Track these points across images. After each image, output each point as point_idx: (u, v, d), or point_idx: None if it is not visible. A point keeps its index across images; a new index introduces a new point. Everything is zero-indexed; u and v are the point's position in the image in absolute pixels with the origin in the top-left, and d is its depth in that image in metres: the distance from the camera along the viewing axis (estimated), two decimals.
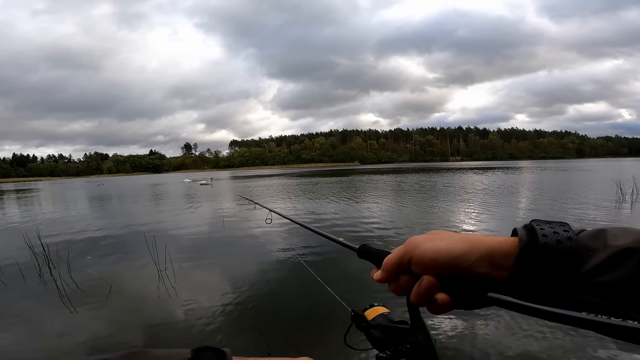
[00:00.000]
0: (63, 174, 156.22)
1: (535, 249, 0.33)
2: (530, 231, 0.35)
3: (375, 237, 5.68)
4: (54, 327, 2.97)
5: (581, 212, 7.31)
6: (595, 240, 0.33)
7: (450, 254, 0.37)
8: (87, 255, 5.29)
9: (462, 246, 0.37)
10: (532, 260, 0.33)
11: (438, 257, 0.37)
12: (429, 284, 0.37)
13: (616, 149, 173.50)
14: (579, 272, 0.32)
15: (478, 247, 0.36)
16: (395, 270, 0.41)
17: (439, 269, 0.37)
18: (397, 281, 0.41)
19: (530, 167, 41.16)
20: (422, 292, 0.38)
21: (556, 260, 0.32)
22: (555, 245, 0.33)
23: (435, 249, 0.38)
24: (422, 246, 0.39)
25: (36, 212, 12.46)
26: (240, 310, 3.15)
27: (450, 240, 0.38)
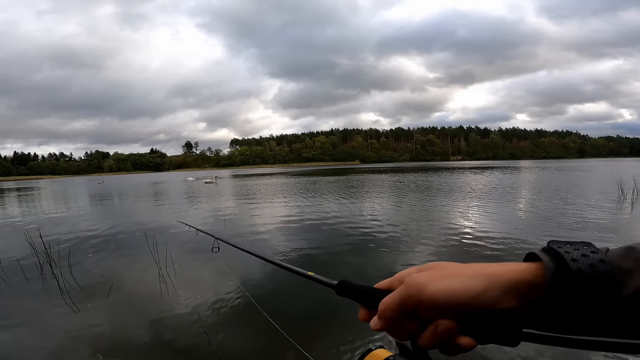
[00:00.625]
0: (64, 172, 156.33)
1: (568, 276, 0.30)
2: (555, 256, 0.31)
3: (376, 238, 5.69)
4: (56, 325, 2.99)
5: (582, 213, 7.31)
6: (627, 260, 0.31)
7: (469, 293, 0.32)
8: (89, 254, 5.32)
9: (480, 282, 0.32)
10: (567, 288, 0.30)
11: (455, 300, 0.32)
12: (447, 329, 0.32)
13: (618, 149, 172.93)
14: (620, 297, 0.29)
15: (499, 280, 0.32)
16: (398, 317, 0.35)
17: (456, 311, 0.32)
18: (401, 327, 0.35)
19: (531, 166, 41.10)
20: (438, 337, 0.33)
21: (593, 287, 0.29)
22: (589, 270, 0.30)
23: (449, 290, 0.32)
24: (430, 288, 0.33)
25: (37, 210, 12.49)
26: (242, 308, 3.17)
27: (464, 277, 0.33)
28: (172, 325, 2.91)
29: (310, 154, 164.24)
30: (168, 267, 4.32)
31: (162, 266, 4.32)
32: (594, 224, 6.14)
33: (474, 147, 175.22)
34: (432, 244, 5.07)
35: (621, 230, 5.70)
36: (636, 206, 7.97)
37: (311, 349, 2.36)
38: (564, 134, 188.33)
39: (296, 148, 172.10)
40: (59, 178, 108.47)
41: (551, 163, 60.56)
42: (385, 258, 4.50)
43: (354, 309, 0.42)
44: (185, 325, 2.89)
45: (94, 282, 3.98)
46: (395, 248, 4.97)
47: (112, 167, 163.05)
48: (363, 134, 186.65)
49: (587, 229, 5.72)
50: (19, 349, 2.64)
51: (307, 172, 48.19)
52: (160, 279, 3.96)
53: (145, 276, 4.18)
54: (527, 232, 5.59)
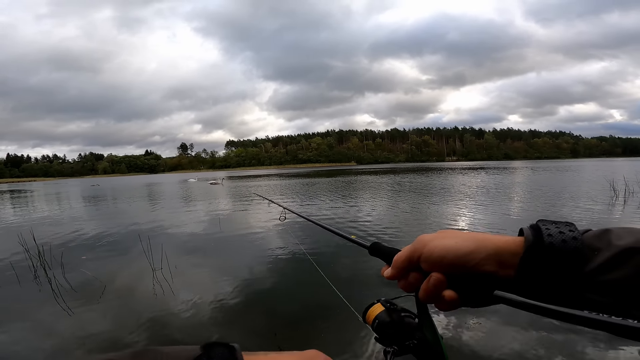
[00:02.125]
0: (57, 174, 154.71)
1: (541, 248, 0.34)
2: (536, 231, 0.36)
3: (374, 235, 5.70)
4: (49, 327, 2.96)
5: (575, 212, 7.39)
6: (600, 240, 0.34)
7: (458, 251, 0.38)
8: (82, 255, 5.27)
9: (469, 244, 0.38)
10: (538, 259, 0.34)
11: (446, 255, 0.38)
12: (437, 281, 0.38)
13: (610, 149, 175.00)
14: (584, 271, 0.32)
15: (485, 245, 0.37)
16: (405, 267, 0.42)
17: (447, 266, 0.38)
18: (407, 278, 0.42)
19: (525, 167, 41.45)
20: (430, 288, 0.39)
21: (561, 259, 0.33)
22: (561, 244, 0.34)
23: (443, 247, 0.39)
24: (430, 244, 0.40)
25: (30, 212, 12.35)
26: (243, 307, 3.16)
27: (458, 239, 0.39)
28: (165, 325, 2.90)
29: (306, 156, 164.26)
30: (163, 268, 4.30)
31: (157, 268, 4.30)
32: (588, 224, 6.21)
33: (469, 147, 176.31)
34: None
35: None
36: (627, 205, 8.07)
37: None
38: (557, 135, 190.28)
39: (292, 149, 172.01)
40: (52, 180, 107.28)
41: (545, 163, 61.17)
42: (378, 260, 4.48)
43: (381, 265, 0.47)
44: (179, 325, 2.88)
45: (87, 284, 3.94)
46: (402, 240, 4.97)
47: (106, 169, 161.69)
48: (359, 135, 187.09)
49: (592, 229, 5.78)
50: (12, 350, 2.61)
51: (303, 173, 48.18)
52: (155, 281, 3.94)
53: (139, 278, 4.15)
54: None
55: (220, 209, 10.66)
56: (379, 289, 3.29)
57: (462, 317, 2.72)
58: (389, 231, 6.10)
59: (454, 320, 2.68)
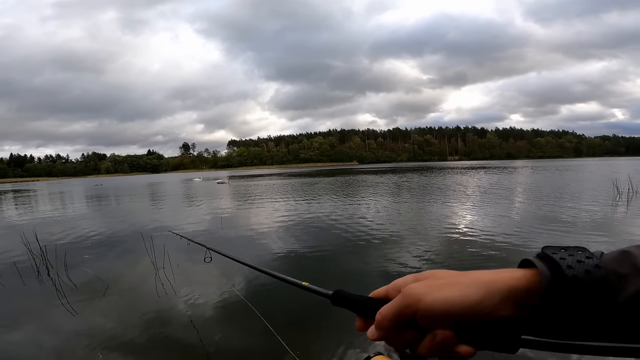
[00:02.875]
0: (60, 174, 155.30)
1: (564, 282, 0.30)
2: (550, 263, 0.32)
3: (372, 243, 5.70)
4: (52, 327, 2.98)
5: (579, 212, 7.35)
6: (623, 265, 0.31)
7: (466, 302, 0.32)
8: (85, 255, 5.29)
9: (478, 290, 0.32)
10: (563, 295, 0.30)
11: (452, 309, 0.32)
12: (445, 339, 0.32)
13: (614, 148, 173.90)
14: (617, 302, 0.29)
15: (497, 288, 0.32)
16: (395, 327, 0.35)
17: (454, 321, 0.32)
18: (399, 337, 0.35)
19: (528, 166, 41.28)
20: (437, 346, 0.33)
21: (589, 293, 0.29)
22: (584, 276, 0.30)
23: (446, 300, 0.32)
24: (427, 298, 0.33)
25: (34, 212, 12.42)
26: (239, 312, 3.16)
27: (461, 286, 0.33)
28: (168, 326, 2.90)
29: (308, 155, 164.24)
30: (165, 268, 4.31)
31: (160, 267, 4.31)
32: (591, 223, 6.18)
33: (471, 147, 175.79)
34: (430, 248, 5.03)
35: (618, 229, 5.74)
36: (631, 205, 8.02)
37: (307, 357, 2.35)
38: (560, 134, 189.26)
39: (294, 149, 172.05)
40: (55, 180, 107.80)
41: (548, 162, 60.88)
42: (381, 263, 4.44)
43: (351, 316, 0.40)
44: (182, 326, 2.89)
45: (90, 283, 3.95)
46: (391, 252, 4.93)
47: (109, 168, 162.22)
48: (360, 134, 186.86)
49: (584, 229, 5.75)
50: (16, 350, 2.62)
51: (305, 173, 48.18)
52: (157, 281, 3.95)
53: (141, 278, 4.16)
54: (524, 232, 5.61)
55: (222, 207, 10.69)
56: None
57: None
58: (386, 237, 6.09)
59: None
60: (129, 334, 2.77)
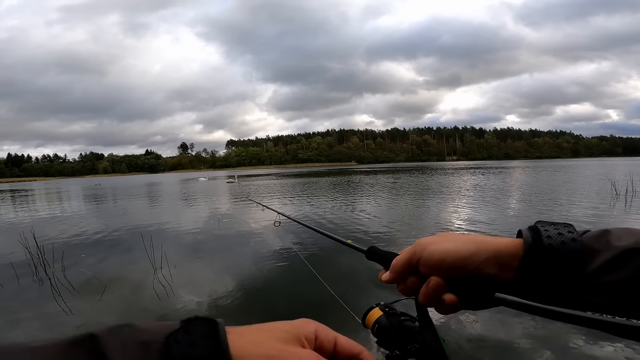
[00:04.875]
0: (58, 174, 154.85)
1: (540, 250, 0.34)
2: (534, 232, 0.36)
3: (372, 235, 5.69)
4: (49, 327, 2.95)
5: (577, 211, 7.37)
6: (599, 241, 0.34)
7: (458, 255, 0.37)
8: (82, 254, 5.27)
9: (469, 247, 0.38)
10: (537, 261, 0.34)
11: (446, 258, 0.38)
12: (436, 285, 0.38)
13: (611, 149, 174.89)
14: (584, 273, 0.32)
15: (485, 248, 0.37)
16: (404, 271, 0.41)
17: (446, 270, 0.38)
18: (405, 282, 0.42)
19: (525, 166, 41.40)
20: (429, 292, 0.38)
21: (560, 261, 0.33)
22: (560, 246, 0.34)
23: (443, 250, 0.38)
24: (430, 247, 0.39)
25: (32, 212, 12.35)
26: (241, 307, 3.16)
27: (457, 242, 0.39)
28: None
29: (306, 155, 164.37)
30: (163, 268, 4.29)
31: (158, 267, 4.30)
32: (589, 221, 6.20)
33: (469, 147, 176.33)
34: None
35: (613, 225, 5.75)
36: (630, 205, 8.04)
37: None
38: (557, 134, 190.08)
39: (292, 149, 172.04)
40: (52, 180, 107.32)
41: (545, 163, 61.07)
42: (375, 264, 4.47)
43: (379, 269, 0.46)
44: None
45: (87, 283, 3.93)
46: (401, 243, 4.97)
47: (107, 168, 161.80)
48: (359, 134, 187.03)
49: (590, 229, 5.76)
50: None
51: (303, 173, 48.16)
52: (156, 280, 3.93)
53: (139, 277, 4.14)
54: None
55: (221, 209, 10.67)
56: (377, 293, 3.24)
57: (463, 318, 2.71)
58: (387, 230, 6.09)
59: (455, 322, 2.67)
60: None
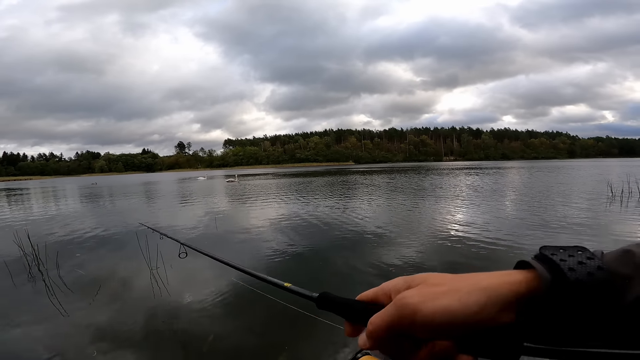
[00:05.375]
0: (54, 172, 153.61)
1: (566, 286, 0.28)
2: (549, 264, 0.29)
3: (364, 240, 5.70)
4: (42, 328, 2.93)
5: (574, 212, 7.41)
6: (625, 265, 0.29)
7: (468, 311, 0.29)
8: (77, 254, 5.24)
9: (479, 298, 0.29)
10: (566, 300, 0.27)
11: (453, 320, 0.29)
12: (444, 351, 0.30)
13: (607, 150, 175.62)
14: (621, 305, 0.27)
15: (497, 294, 0.29)
16: (388, 337, 0.31)
17: (455, 332, 0.29)
18: (393, 346, 0.32)
19: (522, 167, 41.61)
20: (435, 358, 0.30)
21: (593, 296, 0.27)
22: (587, 279, 0.27)
23: (445, 310, 0.29)
24: (424, 309, 0.29)
25: (26, 211, 12.27)
26: (239, 305, 3.14)
27: (460, 294, 0.29)
28: (162, 324, 2.88)
29: (304, 155, 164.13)
30: (159, 268, 4.27)
31: (153, 267, 4.28)
32: (586, 223, 6.23)
33: (466, 147, 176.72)
34: (421, 247, 5.02)
35: (612, 228, 5.78)
36: (626, 205, 8.10)
37: (299, 348, 2.40)
38: (554, 135, 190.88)
39: (289, 149, 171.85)
40: (48, 179, 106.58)
41: (541, 163, 61.38)
42: (371, 261, 4.42)
43: (338, 317, 0.37)
44: (175, 323, 2.86)
45: (82, 283, 3.92)
46: (381, 250, 4.95)
47: (103, 167, 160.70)
48: (356, 134, 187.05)
49: (579, 228, 5.79)
50: (7, 350, 2.59)
51: (302, 172, 48.14)
52: (151, 279, 3.91)
53: (134, 277, 4.12)
54: (517, 232, 5.63)
55: (218, 208, 10.64)
56: None
57: None
58: (378, 234, 6.09)
59: None
60: (122, 333, 2.74)
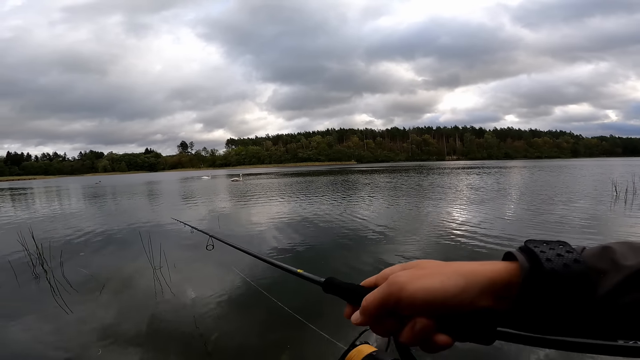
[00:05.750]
0: (57, 172, 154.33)
1: (542, 276, 0.30)
2: (530, 255, 0.32)
3: (366, 236, 5.69)
4: (47, 326, 2.94)
5: (575, 212, 7.36)
6: (602, 260, 0.31)
7: (447, 292, 0.32)
8: (81, 252, 5.26)
9: (458, 282, 0.32)
10: (540, 288, 0.30)
11: (433, 299, 0.32)
12: (424, 327, 0.33)
13: (611, 149, 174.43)
14: (594, 297, 0.29)
15: (476, 280, 0.32)
16: (379, 314, 0.35)
17: (434, 310, 0.32)
18: (382, 324, 0.35)
19: (525, 166, 41.40)
20: (416, 334, 0.33)
21: (566, 287, 0.29)
22: (563, 270, 0.30)
23: (427, 290, 0.32)
24: (409, 287, 0.33)
25: (30, 210, 12.34)
26: (243, 305, 3.14)
27: (442, 276, 0.33)
28: (167, 322, 2.88)
29: (306, 154, 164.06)
30: (162, 267, 4.28)
31: (157, 266, 4.29)
32: (585, 223, 6.19)
33: (469, 147, 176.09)
34: (421, 242, 5.09)
35: (612, 229, 5.75)
36: (631, 205, 8.04)
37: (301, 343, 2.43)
38: (557, 134, 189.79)
39: (292, 148, 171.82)
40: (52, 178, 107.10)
41: (545, 163, 61.06)
42: (373, 254, 4.53)
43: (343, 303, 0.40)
44: (179, 322, 2.87)
45: (86, 283, 3.93)
46: (383, 245, 5.00)
47: (106, 167, 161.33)
48: (359, 133, 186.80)
49: (582, 228, 5.76)
50: (11, 348, 2.60)
51: (305, 172, 48.11)
52: (155, 278, 3.92)
53: (138, 276, 4.13)
54: (516, 230, 5.61)
55: (219, 207, 10.66)
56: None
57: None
58: (379, 231, 6.08)
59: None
60: (127, 331, 2.74)
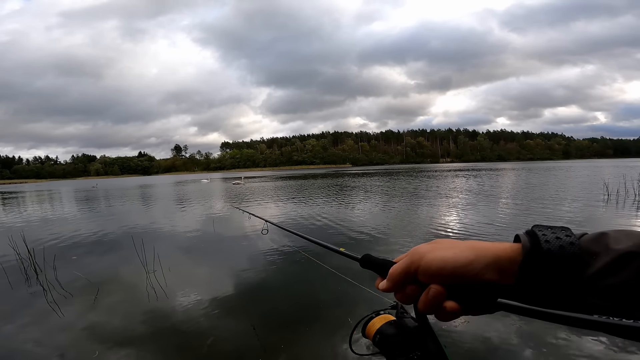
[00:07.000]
0: (49, 176, 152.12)
1: (539, 254, 0.34)
2: (532, 237, 0.36)
3: (367, 240, 5.71)
4: (40, 332, 2.91)
5: (570, 213, 7.46)
6: (597, 244, 0.35)
7: (457, 262, 0.38)
8: (73, 256, 5.21)
9: (468, 255, 0.38)
10: (536, 265, 0.34)
11: (445, 267, 0.38)
12: (436, 293, 0.38)
13: (602, 150, 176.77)
14: (584, 276, 0.33)
15: (484, 254, 0.37)
16: (402, 280, 0.41)
17: (446, 278, 0.38)
18: (404, 290, 0.42)
19: (517, 168, 41.79)
20: (430, 300, 0.39)
21: (560, 265, 0.34)
22: (558, 250, 0.34)
23: (441, 259, 0.39)
24: (428, 256, 0.40)
25: (22, 215, 12.17)
26: (238, 308, 3.15)
27: (456, 249, 0.39)
28: (162, 325, 2.87)
29: (301, 157, 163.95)
30: (156, 271, 4.26)
31: (150, 270, 4.27)
32: (580, 223, 6.29)
33: (463, 149, 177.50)
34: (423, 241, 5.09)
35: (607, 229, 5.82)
36: (623, 205, 8.16)
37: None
38: (549, 136, 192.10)
39: (286, 151, 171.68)
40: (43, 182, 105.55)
41: (538, 164, 61.74)
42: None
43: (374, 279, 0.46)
44: (173, 326, 2.86)
45: (80, 288, 3.89)
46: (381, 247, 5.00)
47: (99, 170, 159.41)
48: (354, 136, 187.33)
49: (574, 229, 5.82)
50: (5, 352, 2.57)
51: (300, 175, 48.12)
52: (148, 283, 3.90)
53: (132, 280, 4.11)
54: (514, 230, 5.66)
55: (214, 211, 10.62)
56: (375, 301, 3.05)
57: (464, 324, 2.67)
58: (381, 234, 6.11)
59: (456, 327, 2.63)
60: (118, 338, 2.73)
